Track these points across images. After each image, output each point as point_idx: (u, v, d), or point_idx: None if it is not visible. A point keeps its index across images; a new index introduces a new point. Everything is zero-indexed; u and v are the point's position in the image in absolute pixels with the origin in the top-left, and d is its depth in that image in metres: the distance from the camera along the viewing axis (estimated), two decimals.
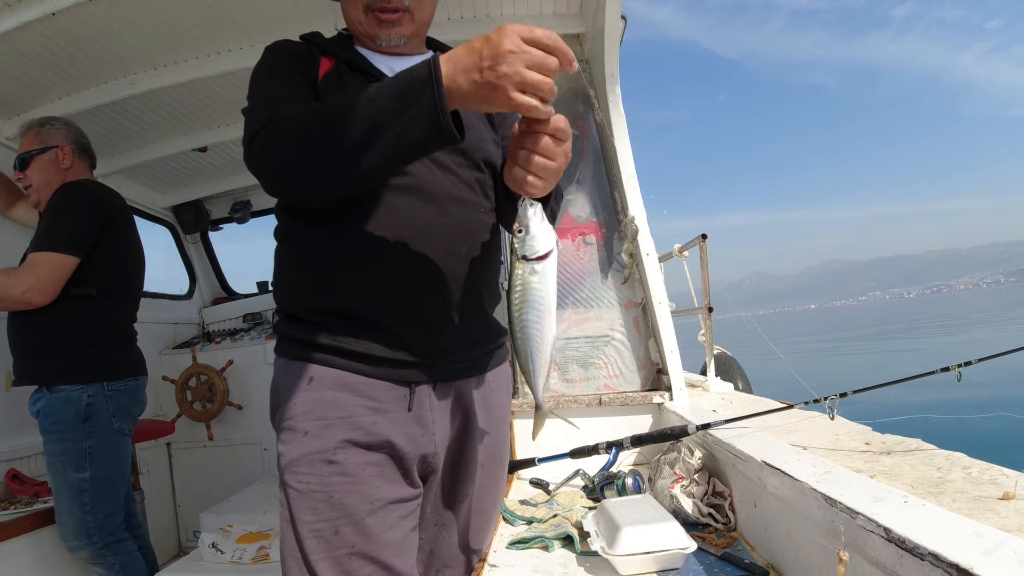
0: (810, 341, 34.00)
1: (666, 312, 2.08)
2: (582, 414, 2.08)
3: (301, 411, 0.87)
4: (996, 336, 21.04)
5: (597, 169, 2.26)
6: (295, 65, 0.94)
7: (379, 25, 0.96)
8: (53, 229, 1.77)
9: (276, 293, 0.97)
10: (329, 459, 0.85)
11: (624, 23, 2.10)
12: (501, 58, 0.65)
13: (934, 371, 1.45)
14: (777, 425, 1.56)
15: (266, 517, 1.97)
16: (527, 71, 0.66)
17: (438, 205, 0.89)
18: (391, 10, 0.95)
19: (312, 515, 0.84)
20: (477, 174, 0.96)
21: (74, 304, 1.81)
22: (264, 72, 0.94)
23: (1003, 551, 0.62)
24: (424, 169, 0.89)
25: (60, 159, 1.92)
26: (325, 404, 0.87)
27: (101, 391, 1.83)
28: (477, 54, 0.67)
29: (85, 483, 1.78)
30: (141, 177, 3.05)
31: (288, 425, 0.87)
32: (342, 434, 0.86)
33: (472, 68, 0.67)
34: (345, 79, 0.94)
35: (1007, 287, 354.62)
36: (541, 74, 0.66)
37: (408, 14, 0.96)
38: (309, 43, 0.98)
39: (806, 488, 0.95)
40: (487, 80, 0.66)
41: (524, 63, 0.65)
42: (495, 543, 1.37)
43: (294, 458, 0.86)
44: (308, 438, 0.85)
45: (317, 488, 0.84)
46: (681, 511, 1.38)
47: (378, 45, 0.98)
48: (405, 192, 0.88)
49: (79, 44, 1.96)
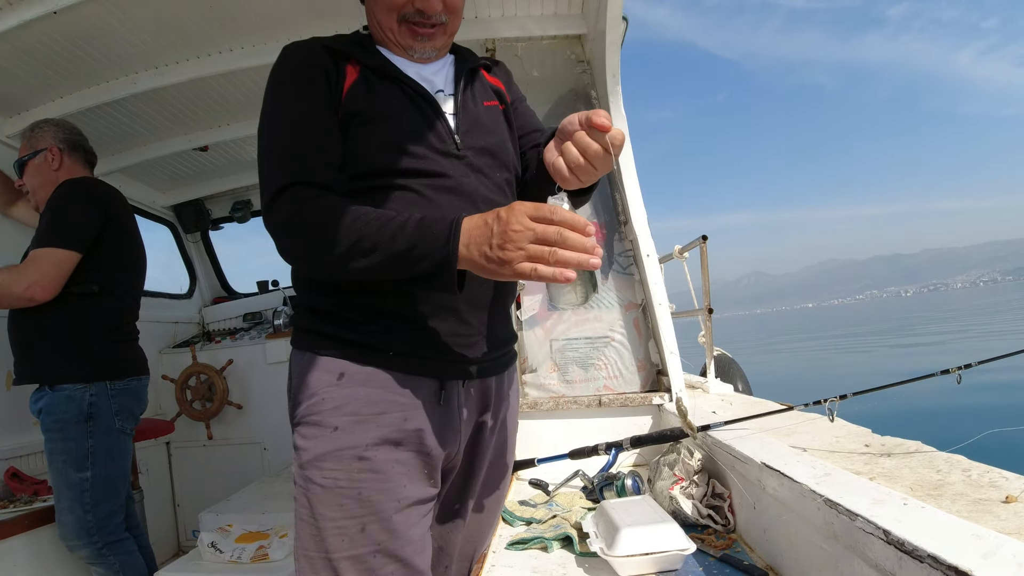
0: (809, 341, 34.00)
1: (666, 313, 2.08)
2: (582, 415, 2.08)
3: (331, 406, 0.86)
4: (995, 336, 21.05)
5: None
6: (318, 83, 0.92)
7: (414, 38, 0.97)
8: (54, 225, 1.77)
9: (299, 287, 0.97)
10: (361, 455, 0.84)
11: (625, 24, 2.11)
12: (508, 238, 0.71)
13: (934, 374, 1.45)
14: (777, 427, 1.56)
15: (265, 517, 1.97)
16: (531, 245, 0.71)
17: (473, 206, 0.91)
18: (429, 25, 0.96)
19: (338, 511, 0.84)
20: (505, 175, 1.00)
21: (76, 302, 1.81)
22: (284, 92, 0.92)
23: (1002, 554, 0.62)
24: (461, 172, 0.93)
25: (49, 161, 1.92)
26: (357, 400, 0.87)
27: (104, 390, 1.83)
28: (489, 230, 0.74)
29: (86, 482, 1.78)
30: (142, 176, 3.05)
31: (315, 420, 0.87)
32: (375, 431, 0.86)
33: (483, 243, 0.74)
34: (373, 88, 0.93)
35: (1004, 285, 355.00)
36: (547, 245, 0.71)
37: (443, 28, 0.98)
38: (332, 51, 0.95)
39: (805, 490, 0.95)
40: (496, 256, 0.73)
41: (529, 240, 0.71)
42: (494, 544, 1.37)
43: (321, 453, 0.85)
44: (338, 433, 0.85)
45: (345, 484, 0.84)
46: (680, 512, 1.38)
47: (409, 55, 0.99)
48: (444, 192, 0.91)
49: (80, 43, 1.97)
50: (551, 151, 0.86)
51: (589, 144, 0.79)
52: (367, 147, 0.91)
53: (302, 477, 0.87)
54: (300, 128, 0.90)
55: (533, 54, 2.31)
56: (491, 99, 1.05)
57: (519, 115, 1.10)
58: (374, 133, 0.91)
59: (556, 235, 0.70)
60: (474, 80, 1.05)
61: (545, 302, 2.22)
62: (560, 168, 0.83)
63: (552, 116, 2.38)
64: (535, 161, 1.01)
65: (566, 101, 2.34)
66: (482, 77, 1.08)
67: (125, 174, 2.90)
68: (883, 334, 31.76)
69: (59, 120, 2.01)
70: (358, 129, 0.91)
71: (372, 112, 0.91)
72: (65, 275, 1.76)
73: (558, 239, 0.70)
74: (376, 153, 0.90)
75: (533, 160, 1.03)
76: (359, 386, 0.87)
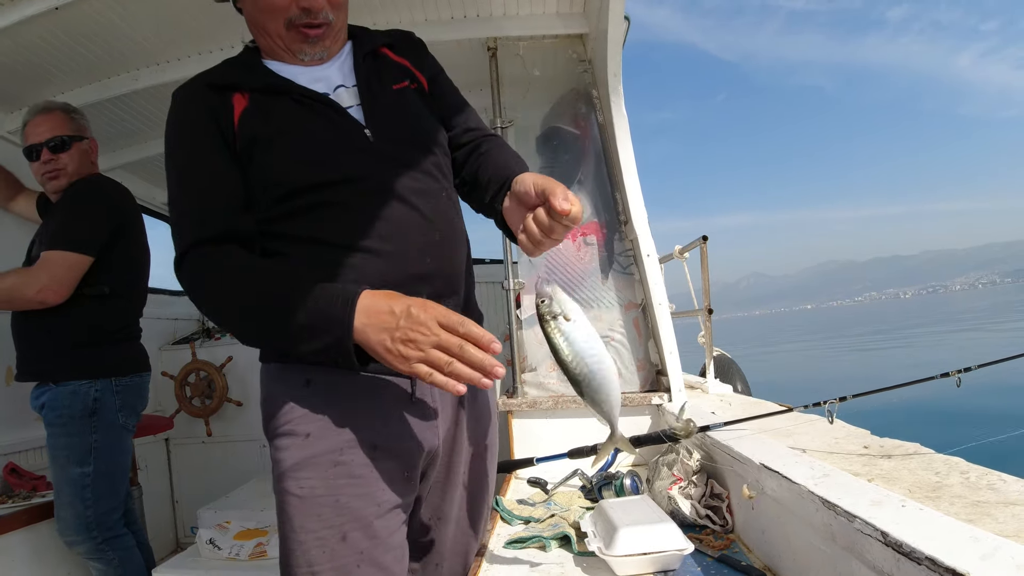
0: (808, 342, 33.99)
1: (666, 313, 2.08)
2: (581, 414, 2.08)
3: (300, 414, 0.84)
4: (995, 336, 21.05)
5: (599, 169, 2.26)
6: (205, 127, 0.89)
7: (304, 40, 0.93)
8: (68, 228, 1.77)
9: None
10: (336, 460, 0.82)
11: (627, 23, 2.10)
12: (411, 337, 0.71)
13: (934, 376, 1.45)
14: (776, 428, 1.56)
15: (263, 514, 1.97)
16: (432, 351, 0.71)
17: (406, 202, 0.89)
18: (316, 25, 0.92)
19: (316, 522, 0.81)
20: (432, 158, 0.96)
21: (87, 303, 1.81)
22: (172, 146, 0.92)
23: (1000, 556, 0.62)
24: (381, 169, 0.90)
25: (91, 152, 1.92)
26: (327, 404, 0.84)
27: (108, 386, 1.83)
28: (394, 321, 0.73)
29: (87, 478, 1.78)
30: (143, 173, 3.05)
31: (287, 430, 0.84)
32: (348, 434, 0.84)
33: (384, 331, 0.73)
34: (265, 109, 0.90)
35: (1003, 287, 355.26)
36: (447, 355, 0.71)
37: (329, 27, 0.94)
38: (215, 87, 0.93)
39: (804, 491, 0.95)
40: (396, 349, 0.72)
41: (431, 344, 0.71)
42: (492, 542, 1.37)
43: (296, 462, 0.83)
44: (311, 440, 0.83)
45: (322, 492, 0.82)
46: (679, 512, 1.38)
47: (299, 59, 0.95)
48: (370, 197, 0.88)
49: (81, 39, 1.96)
50: (511, 214, 0.90)
51: (552, 227, 0.81)
52: (278, 169, 0.88)
53: (279, 490, 0.85)
54: (189, 182, 0.89)
55: (535, 53, 2.31)
56: (400, 80, 1.00)
57: (438, 94, 1.05)
58: (279, 153, 0.88)
59: (457, 348, 0.71)
60: (378, 64, 1.00)
61: None
62: (523, 243, 0.86)
63: (553, 115, 2.38)
64: (483, 192, 0.98)
65: (567, 100, 2.34)
66: (386, 58, 1.02)
67: (126, 170, 2.90)
68: (883, 334, 31.76)
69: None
70: (262, 156, 0.88)
71: (269, 133, 0.89)
72: (77, 279, 1.77)
73: (458, 352, 0.71)
74: (288, 172, 0.88)
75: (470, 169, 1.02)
76: (327, 391, 0.85)
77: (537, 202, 0.82)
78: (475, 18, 2.18)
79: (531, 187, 0.83)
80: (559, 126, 2.34)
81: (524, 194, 0.85)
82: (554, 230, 0.81)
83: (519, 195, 0.87)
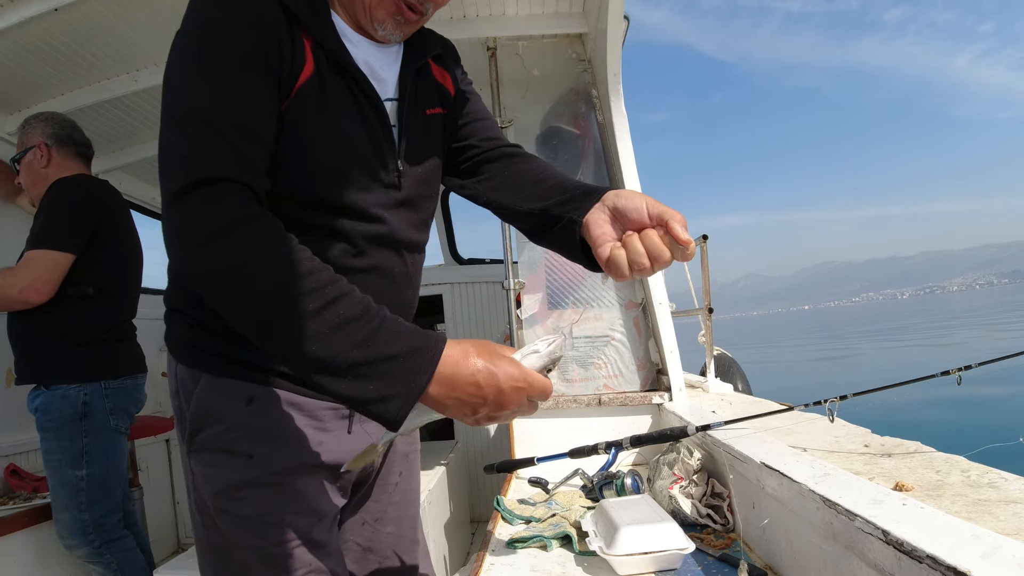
0: (808, 341, 33.99)
1: (666, 312, 2.08)
2: (581, 414, 2.08)
3: (241, 434, 0.81)
4: (995, 338, 21.06)
5: (599, 169, 2.26)
6: (269, 56, 0.70)
7: (396, 14, 0.80)
8: (47, 226, 1.77)
9: (186, 294, 0.84)
10: (279, 482, 0.81)
11: (627, 23, 2.10)
12: (494, 416, 0.66)
13: (934, 375, 1.44)
14: (777, 427, 1.56)
15: None
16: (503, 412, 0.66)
17: (400, 256, 0.88)
18: (417, 11, 0.81)
19: (261, 540, 0.80)
20: (431, 206, 0.94)
21: (72, 304, 1.80)
22: (224, 44, 0.68)
23: (1001, 554, 0.62)
24: (397, 216, 0.86)
25: (38, 158, 1.90)
26: (271, 425, 0.82)
27: (98, 390, 1.82)
28: (480, 400, 0.64)
29: (82, 481, 1.78)
30: (142, 173, 3.05)
31: (224, 447, 0.81)
32: (291, 456, 0.82)
33: (466, 408, 0.64)
34: (325, 85, 0.77)
35: (999, 288, 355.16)
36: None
37: (423, 19, 0.85)
38: (288, 12, 0.73)
39: (804, 490, 0.95)
40: (481, 419, 0.66)
41: (509, 417, 0.67)
42: (493, 542, 1.37)
43: (237, 482, 0.80)
44: (255, 461, 0.80)
45: (267, 512, 0.80)
46: (680, 512, 1.38)
47: (374, 31, 0.82)
48: (374, 244, 0.84)
49: (81, 40, 1.96)
50: (596, 227, 0.76)
51: (662, 253, 0.70)
52: (302, 167, 0.76)
53: (214, 507, 0.81)
54: (244, 103, 0.68)
55: (534, 53, 2.31)
56: (434, 104, 0.91)
57: (465, 112, 0.97)
58: (314, 150, 0.76)
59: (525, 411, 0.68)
60: (421, 81, 0.91)
61: (545, 301, 2.22)
62: (620, 265, 0.72)
63: (553, 115, 2.38)
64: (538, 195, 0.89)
65: (567, 100, 2.34)
66: (429, 73, 0.92)
67: (126, 171, 2.90)
68: (883, 335, 31.75)
69: (49, 114, 1.97)
70: (295, 138, 0.74)
71: (320, 121, 0.76)
72: (59, 277, 1.76)
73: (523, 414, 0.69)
74: (312, 178, 0.77)
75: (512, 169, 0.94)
76: (271, 410, 0.82)
77: (649, 224, 0.73)
78: (474, 18, 2.18)
79: (643, 207, 0.73)
80: (559, 126, 2.34)
81: (632, 210, 0.74)
82: (661, 258, 0.71)
83: (622, 211, 0.75)
